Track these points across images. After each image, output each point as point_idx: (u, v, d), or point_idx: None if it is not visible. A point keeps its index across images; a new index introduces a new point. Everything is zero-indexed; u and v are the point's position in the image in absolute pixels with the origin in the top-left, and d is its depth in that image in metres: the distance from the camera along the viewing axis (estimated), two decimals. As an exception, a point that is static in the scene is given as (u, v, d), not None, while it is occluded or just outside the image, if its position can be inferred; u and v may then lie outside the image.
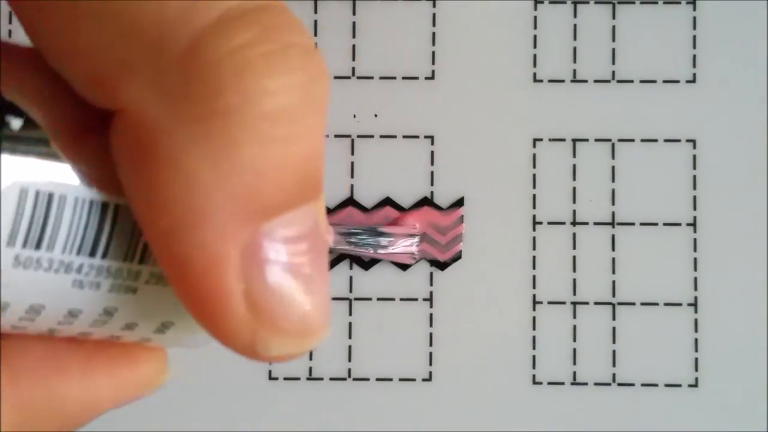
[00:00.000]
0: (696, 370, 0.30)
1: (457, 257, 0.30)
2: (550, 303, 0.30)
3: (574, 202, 0.30)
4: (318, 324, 0.16)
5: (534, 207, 0.30)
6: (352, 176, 0.30)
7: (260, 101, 0.14)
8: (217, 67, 0.14)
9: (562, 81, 0.30)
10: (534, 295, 0.30)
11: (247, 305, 0.15)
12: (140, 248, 0.16)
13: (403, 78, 0.30)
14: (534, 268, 0.30)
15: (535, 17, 0.30)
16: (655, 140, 0.30)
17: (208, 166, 0.14)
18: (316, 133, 0.15)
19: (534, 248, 0.30)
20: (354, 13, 0.30)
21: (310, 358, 0.30)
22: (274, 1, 0.15)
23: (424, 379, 0.30)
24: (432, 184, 0.30)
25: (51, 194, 0.15)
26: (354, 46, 0.30)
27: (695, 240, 0.30)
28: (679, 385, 0.30)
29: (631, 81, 0.30)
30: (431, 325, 0.30)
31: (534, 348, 0.30)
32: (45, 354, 0.17)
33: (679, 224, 0.30)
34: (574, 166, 0.30)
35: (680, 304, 0.30)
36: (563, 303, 0.30)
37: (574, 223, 0.30)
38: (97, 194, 0.15)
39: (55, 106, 0.15)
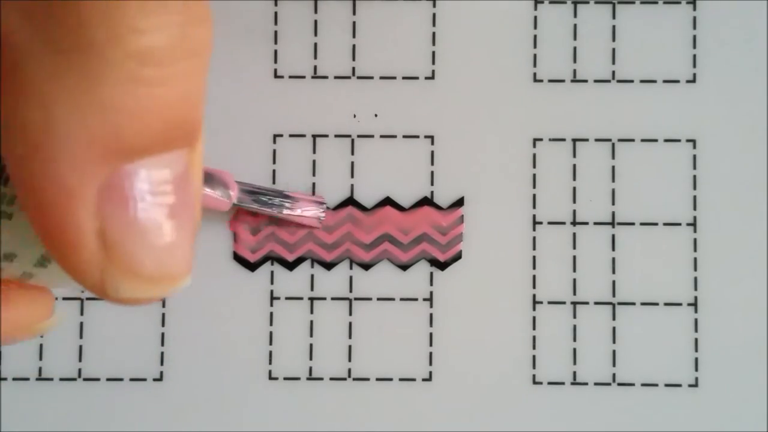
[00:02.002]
0: (696, 370, 0.30)
1: (457, 257, 0.30)
2: (550, 303, 0.30)
3: (574, 202, 0.30)
4: (174, 272, 0.16)
5: (534, 207, 0.30)
6: (352, 176, 0.30)
7: (127, 39, 0.14)
8: None
9: (562, 81, 0.30)
10: (534, 295, 0.30)
11: (99, 243, 0.15)
12: None
13: (403, 78, 0.30)
14: (534, 268, 0.30)
15: (535, 17, 0.30)
16: (655, 140, 0.30)
17: (68, 99, 0.14)
18: (192, 78, 0.15)
19: (534, 248, 0.30)
20: (354, 13, 0.30)
21: (311, 358, 0.30)
22: None
23: (424, 379, 0.30)
24: (432, 184, 0.30)
25: None
26: (354, 46, 0.30)
27: (695, 240, 0.30)
28: (679, 385, 0.30)
29: (631, 81, 0.30)
30: (431, 325, 0.30)
31: (534, 348, 0.30)
32: None
33: (679, 224, 0.30)
34: (574, 166, 0.30)
35: (680, 304, 0.30)
36: (563, 303, 0.30)
37: (574, 223, 0.30)
38: None
39: None
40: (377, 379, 0.30)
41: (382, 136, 0.30)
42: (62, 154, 0.14)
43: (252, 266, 0.30)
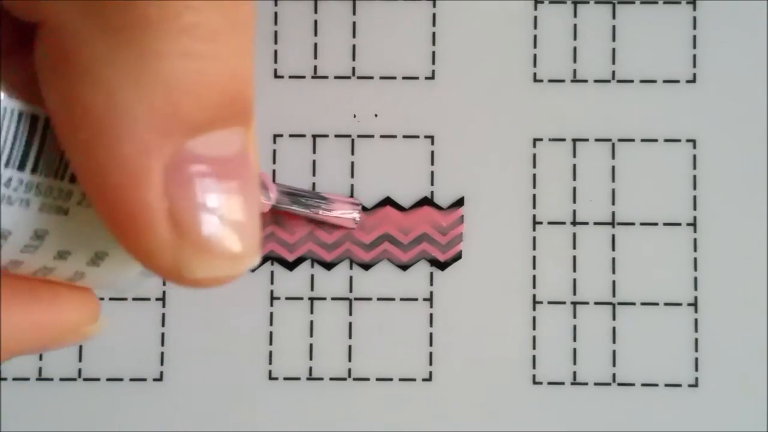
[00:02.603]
0: (696, 370, 0.30)
1: (457, 257, 0.30)
2: (550, 303, 0.30)
3: (574, 202, 0.30)
4: (246, 249, 0.16)
5: (534, 207, 0.30)
6: (352, 176, 0.30)
7: (179, 14, 0.14)
8: None
9: (562, 81, 0.30)
10: (534, 295, 0.30)
11: (170, 224, 0.15)
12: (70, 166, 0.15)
13: (403, 78, 0.30)
14: (534, 268, 0.30)
15: (535, 17, 0.30)
16: (655, 140, 0.30)
17: (127, 78, 0.14)
18: (240, 54, 0.15)
19: (534, 248, 0.30)
20: (354, 13, 0.30)
21: (311, 358, 0.30)
22: None
23: (424, 379, 0.30)
24: (432, 184, 0.30)
25: None
26: (354, 46, 0.30)
27: (695, 240, 0.30)
28: (679, 385, 0.30)
29: (631, 81, 0.30)
30: (431, 325, 0.30)
31: (534, 348, 0.30)
32: None
33: (679, 224, 0.30)
34: (574, 166, 0.30)
35: (680, 304, 0.30)
36: (563, 303, 0.30)
37: (574, 223, 0.30)
38: (26, 106, 0.15)
39: None
40: (377, 379, 0.30)
41: (382, 136, 0.30)
42: (127, 133, 0.14)
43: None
